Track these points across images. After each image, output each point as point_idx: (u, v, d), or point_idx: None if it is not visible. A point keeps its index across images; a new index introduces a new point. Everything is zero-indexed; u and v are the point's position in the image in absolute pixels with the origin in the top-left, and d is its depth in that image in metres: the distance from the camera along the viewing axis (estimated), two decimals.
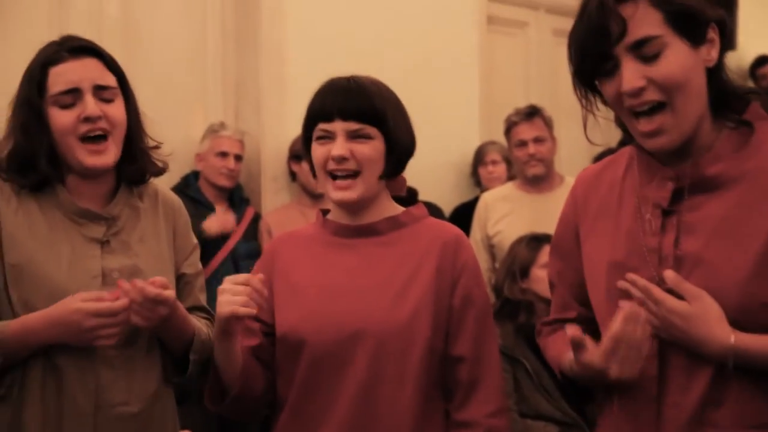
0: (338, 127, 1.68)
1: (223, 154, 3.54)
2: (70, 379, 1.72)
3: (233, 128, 3.66)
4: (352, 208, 1.73)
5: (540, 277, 2.81)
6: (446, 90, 4.30)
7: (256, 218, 3.61)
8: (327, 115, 1.69)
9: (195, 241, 1.97)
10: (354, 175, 1.69)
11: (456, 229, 1.76)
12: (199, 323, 1.87)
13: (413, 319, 1.65)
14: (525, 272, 2.90)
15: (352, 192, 1.69)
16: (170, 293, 1.71)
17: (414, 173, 3.99)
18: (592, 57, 1.43)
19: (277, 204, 3.76)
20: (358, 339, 1.64)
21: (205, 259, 3.37)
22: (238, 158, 3.58)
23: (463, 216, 3.85)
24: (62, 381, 1.72)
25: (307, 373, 1.67)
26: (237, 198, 3.60)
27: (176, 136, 3.69)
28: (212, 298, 1.85)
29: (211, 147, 3.56)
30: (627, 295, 1.42)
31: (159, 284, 1.69)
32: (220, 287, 1.61)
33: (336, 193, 1.70)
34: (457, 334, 1.68)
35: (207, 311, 1.96)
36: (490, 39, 4.67)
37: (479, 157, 4.27)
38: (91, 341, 1.69)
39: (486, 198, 3.72)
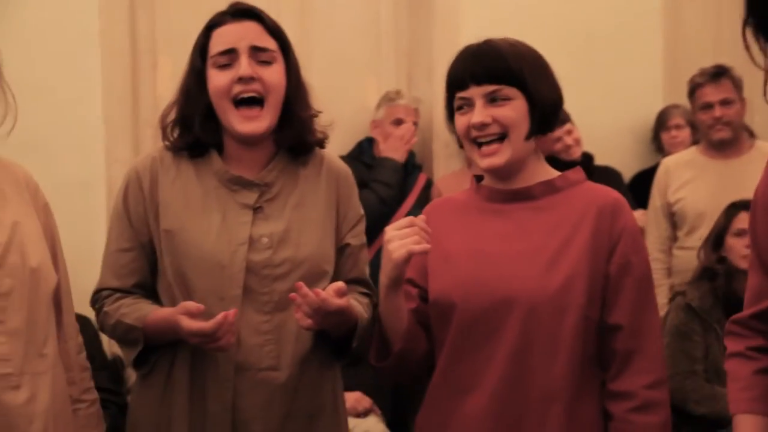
0: (474, 92, 1.64)
1: (399, 122, 3.57)
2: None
3: (408, 96, 3.67)
4: (503, 173, 1.69)
5: (733, 246, 2.71)
6: (627, 51, 4.13)
7: (429, 184, 3.62)
8: (461, 82, 1.66)
9: (361, 212, 1.95)
10: (500, 138, 1.65)
11: (614, 193, 1.69)
12: (360, 308, 1.84)
13: (566, 287, 1.60)
14: (719, 241, 2.80)
15: (499, 157, 1.65)
16: (344, 302, 1.69)
17: (592, 138, 3.93)
18: None
19: (449, 170, 3.75)
20: (509, 305, 1.61)
21: (380, 225, 3.44)
22: (416, 125, 3.58)
23: (644, 183, 3.71)
24: (215, 354, 1.74)
25: (457, 338, 1.66)
26: (409, 164, 3.62)
27: (350, 104, 3.77)
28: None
29: (387, 114, 3.59)
30: None
31: (336, 290, 1.68)
32: (385, 237, 1.60)
33: (483, 160, 1.67)
34: (614, 302, 1.63)
35: (368, 285, 1.95)
36: None
37: (661, 122, 4.08)
38: (209, 350, 1.71)
39: (667, 163, 3.56)
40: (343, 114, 3.73)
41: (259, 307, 1.77)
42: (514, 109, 1.64)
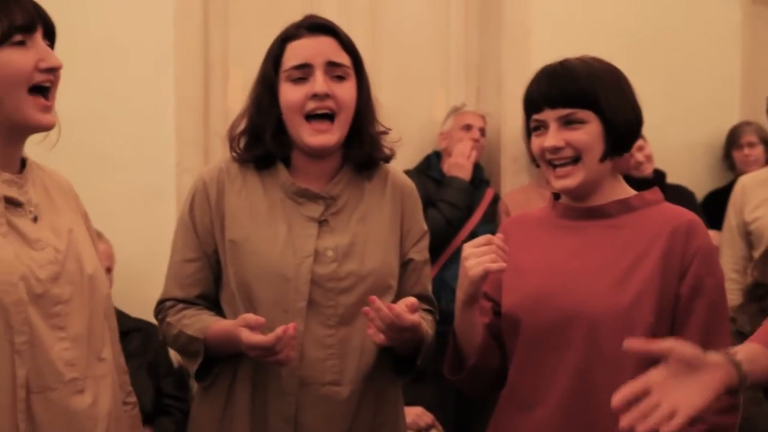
0: (548, 115, 1.65)
1: (468, 127, 3.57)
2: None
3: (475, 107, 3.67)
4: (577, 194, 1.69)
5: None
6: (703, 65, 4.05)
7: (496, 199, 3.60)
8: (536, 105, 1.66)
9: (425, 227, 1.93)
10: (573, 161, 1.65)
11: (690, 214, 1.67)
12: (425, 324, 1.81)
13: (635, 305, 1.58)
14: None
15: (572, 179, 1.66)
16: (417, 318, 1.68)
17: (663, 154, 3.84)
18: None
19: (516, 185, 3.73)
20: (575, 321, 1.60)
21: (446, 240, 3.45)
22: (482, 131, 3.59)
23: (717, 202, 3.63)
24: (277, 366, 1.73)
25: (524, 352, 1.66)
26: (477, 179, 3.61)
27: (418, 117, 3.77)
28: (453, 277, 1.86)
29: (456, 123, 3.60)
30: None
31: (409, 306, 1.67)
32: (463, 254, 1.61)
33: (557, 181, 1.67)
34: (684, 324, 1.61)
35: (431, 301, 1.94)
36: (755, 11, 4.33)
37: (733, 139, 3.99)
38: (269, 363, 1.70)
39: (744, 181, 3.47)
40: (411, 127, 3.73)
41: (323, 321, 1.76)
42: (588, 133, 1.64)
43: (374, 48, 3.67)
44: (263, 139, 1.80)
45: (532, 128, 1.69)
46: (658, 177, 3.70)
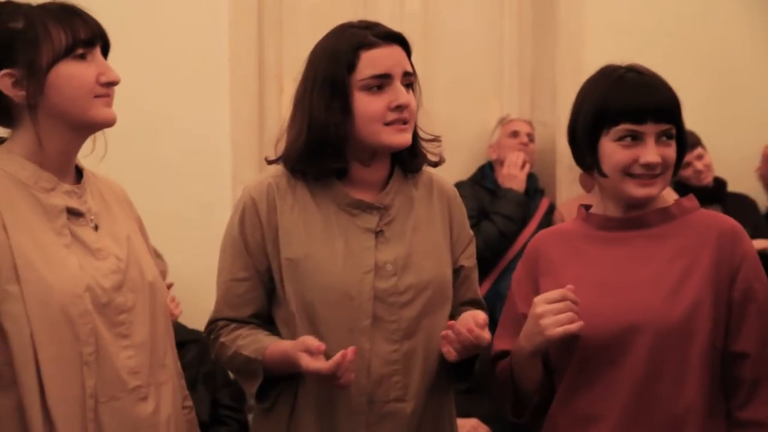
0: (650, 129, 1.62)
1: (515, 134, 3.56)
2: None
3: (529, 117, 3.66)
4: (644, 203, 1.67)
5: None
6: (760, 73, 3.97)
7: (551, 209, 3.57)
8: (639, 115, 1.61)
9: (471, 233, 1.91)
10: (660, 174, 1.64)
11: (731, 220, 1.66)
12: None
13: (692, 313, 1.57)
14: None
15: (655, 188, 1.64)
16: (488, 336, 1.66)
17: (723, 163, 3.76)
18: None
19: (572, 194, 3.68)
20: (635, 334, 1.58)
21: (500, 252, 3.44)
22: (529, 137, 3.57)
23: None
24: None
25: (578, 368, 1.63)
26: (531, 188, 3.58)
27: (472, 128, 3.76)
28: (507, 288, 1.84)
29: (503, 132, 3.60)
30: None
31: (482, 324, 1.65)
32: (537, 311, 1.57)
33: (640, 189, 1.63)
34: (739, 330, 1.59)
35: (483, 305, 1.91)
36: None
37: None
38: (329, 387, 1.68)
39: None
40: (464, 138, 3.72)
41: (388, 336, 1.73)
42: (674, 149, 1.65)
43: (427, 58, 3.67)
44: (339, 151, 1.73)
45: (617, 137, 1.62)
46: (719, 185, 3.63)
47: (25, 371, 1.43)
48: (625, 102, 1.62)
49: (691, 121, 3.57)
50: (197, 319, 1.97)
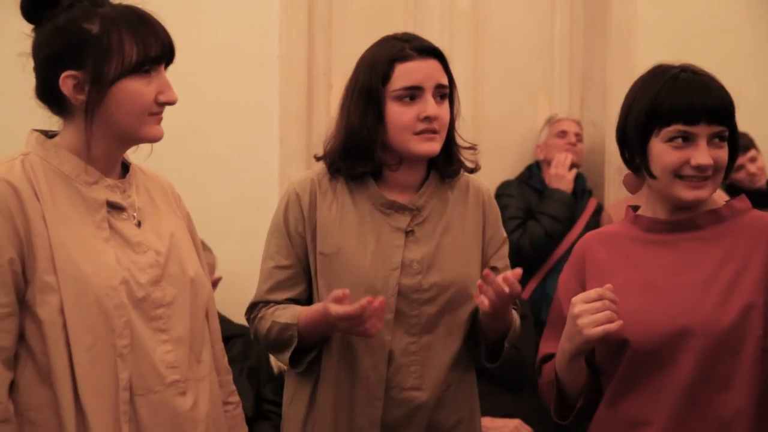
0: (702, 130, 1.59)
1: (563, 133, 3.53)
2: (362, 362, 1.82)
3: (579, 117, 3.63)
4: (696, 205, 1.64)
5: None
6: None
7: (599, 209, 3.54)
8: (692, 116, 1.59)
9: (504, 234, 1.98)
10: (711, 176, 1.61)
11: None
12: (515, 314, 1.90)
13: (743, 318, 1.54)
14: None
15: (706, 191, 1.62)
16: (518, 287, 1.70)
17: None
18: None
19: (620, 196, 3.64)
20: (684, 338, 1.56)
21: (546, 252, 3.41)
22: (577, 137, 3.53)
23: None
24: (355, 364, 1.82)
25: (627, 372, 1.61)
26: (579, 188, 3.55)
27: (521, 126, 3.73)
28: (554, 287, 1.83)
29: (550, 131, 3.57)
30: None
31: (517, 275, 1.69)
32: (575, 311, 1.56)
33: (690, 192, 1.61)
34: None
35: (516, 305, 1.95)
36: None
37: None
38: (356, 335, 1.77)
39: None
40: (514, 137, 3.71)
41: (407, 329, 1.84)
42: (726, 152, 1.63)
43: (478, 57, 3.65)
44: (369, 155, 1.84)
45: (668, 138, 1.60)
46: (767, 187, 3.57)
47: (58, 361, 1.46)
48: (678, 102, 1.60)
49: (744, 122, 3.50)
50: (242, 314, 1.99)
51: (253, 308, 1.92)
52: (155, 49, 1.52)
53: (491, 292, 1.69)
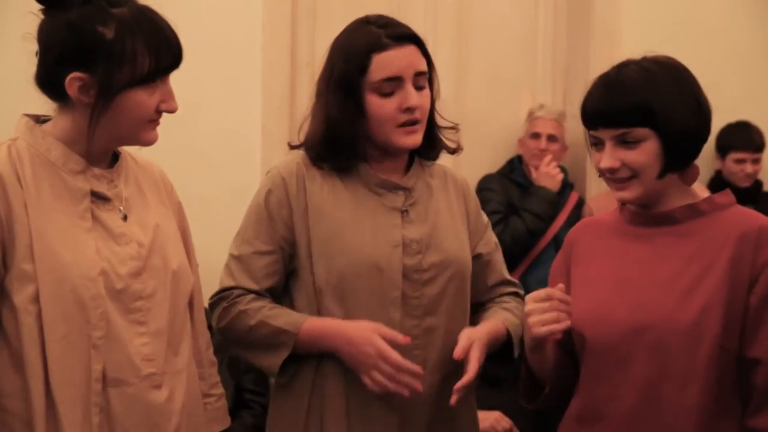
0: (603, 134, 1.59)
1: (536, 135, 3.52)
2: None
3: (550, 109, 3.61)
4: (638, 203, 1.64)
5: None
6: None
7: (580, 203, 3.55)
8: (591, 122, 1.60)
9: (486, 219, 1.98)
10: (630, 178, 1.59)
11: (762, 219, 1.59)
12: (509, 315, 1.89)
13: (702, 317, 1.53)
14: None
15: (630, 192, 1.60)
16: (475, 356, 1.76)
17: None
18: None
19: (602, 189, 3.65)
20: (641, 335, 1.56)
21: (525, 252, 3.40)
22: (551, 138, 3.52)
23: None
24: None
25: (589, 366, 1.63)
26: (561, 182, 3.56)
27: (504, 119, 3.74)
28: (535, 281, 1.85)
29: (527, 130, 3.57)
30: None
31: (464, 348, 1.75)
32: (526, 308, 1.59)
33: (616, 193, 1.63)
34: (754, 335, 1.54)
35: (512, 283, 1.98)
36: None
37: None
38: (365, 376, 1.73)
39: None
40: (496, 130, 3.71)
41: (409, 311, 1.80)
42: (644, 153, 1.57)
43: (461, 50, 3.66)
44: (353, 148, 1.80)
45: (591, 143, 1.64)
46: (756, 185, 3.59)
47: (31, 350, 1.45)
48: (584, 108, 1.62)
49: (725, 117, 3.54)
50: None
51: (226, 294, 1.82)
52: (167, 60, 1.51)
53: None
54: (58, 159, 1.52)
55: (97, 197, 1.54)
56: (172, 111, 1.55)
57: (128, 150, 1.65)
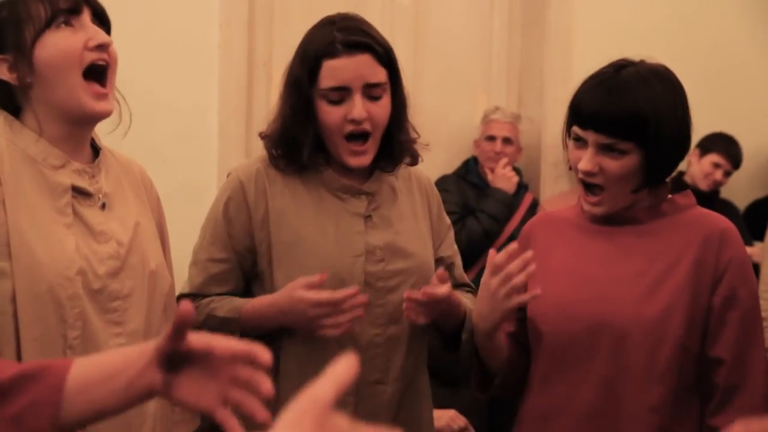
0: (590, 137, 1.57)
1: (491, 138, 3.55)
2: (329, 357, 1.71)
3: (505, 111, 3.63)
4: (606, 216, 1.64)
5: None
6: (751, 75, 3.99)
7: (535, 204, 3.59)
8: (582, 121, 1.58)
9: (449, 221, 1.96)
10: (602, 188, 1.59)
11: (724, 222, 1.61)
12: (467, 301, 1.86)
13: (664, 316, 1.54)
14: None
15: (599, 208, 1.61)
16: (446, 289, 1.70)
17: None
18: None
19: (556, 191, 3.71)
20: (602, 332, 1.56)
21: (480, 253, 3.44)
22: (507, 141, 3.55)
23: (759, 213, 3.57)
24: (321, 359, 1.68)
25: (548, 361, 1.63)
26: (516, 184, 3.59)
27: (459, 122, 3.76)
28: None
29: (482, 132, 3.60)
30: None
31: (439, 277, 1.69)
32: (492, 284, 1.58)
33: (585, 204, 1.63)
34: (716, 335, 1.56)
35: (469, 286, 1.96)
36: None
37: None
38: (317, 330, 1.69)
39: None
40: (451, 132, 3.73)
41: (373, 320, 1.77)
42: (624, 166, 1.56)
43: (417, 52, 3.67)
44: (302, 153, 1.76)
45: (572, 137, 1.62)
46: (714, 191, 3.66)
47: (5, 349, 1.42)
48: (580, 103, 1.60)
49: None
50: None
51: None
52: (65, 1, 1.49)
53: (415, 306, 1.69)
54: (38, 154, 1.49)
55: (79, 192, 1.51)
56: (104, 43, 1.50)
57: (108, 148, 1.62)
